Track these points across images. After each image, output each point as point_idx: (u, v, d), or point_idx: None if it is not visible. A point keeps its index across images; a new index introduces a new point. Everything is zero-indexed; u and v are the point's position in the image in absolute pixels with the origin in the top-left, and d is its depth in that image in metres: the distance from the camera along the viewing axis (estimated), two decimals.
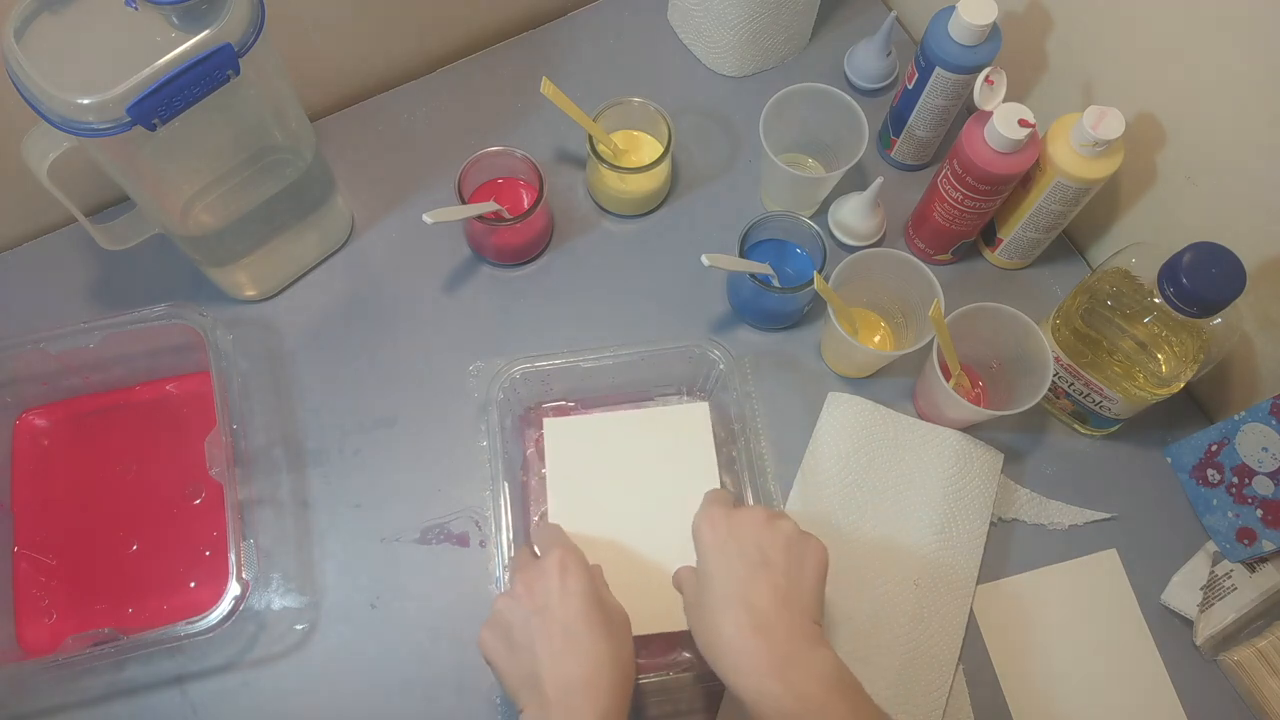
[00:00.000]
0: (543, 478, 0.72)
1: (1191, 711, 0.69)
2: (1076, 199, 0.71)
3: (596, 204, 0.84)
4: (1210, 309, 0.61)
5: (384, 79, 0.88)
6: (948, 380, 0.70)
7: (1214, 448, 0.72)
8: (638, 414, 0.72)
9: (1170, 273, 0.61)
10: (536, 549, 0.63)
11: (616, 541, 0.67)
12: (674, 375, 0.75)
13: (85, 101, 0.51)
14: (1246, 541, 0.70)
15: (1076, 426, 0.78)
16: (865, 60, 0.88)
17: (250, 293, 0.78)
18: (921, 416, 0.77)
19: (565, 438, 0.71)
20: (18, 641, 0.68)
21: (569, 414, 0.75)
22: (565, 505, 0.69)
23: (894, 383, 0.78)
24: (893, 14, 0.85)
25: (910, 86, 0.78)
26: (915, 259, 0.72)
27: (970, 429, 0.75)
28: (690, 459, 0.70)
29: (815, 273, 0.70)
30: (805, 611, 0.54)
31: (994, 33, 0.72)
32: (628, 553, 0.67)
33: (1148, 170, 0.73)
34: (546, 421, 0.72)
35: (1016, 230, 0.77)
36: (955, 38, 0.71)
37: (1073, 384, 0.72)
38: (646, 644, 0.68)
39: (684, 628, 0.59)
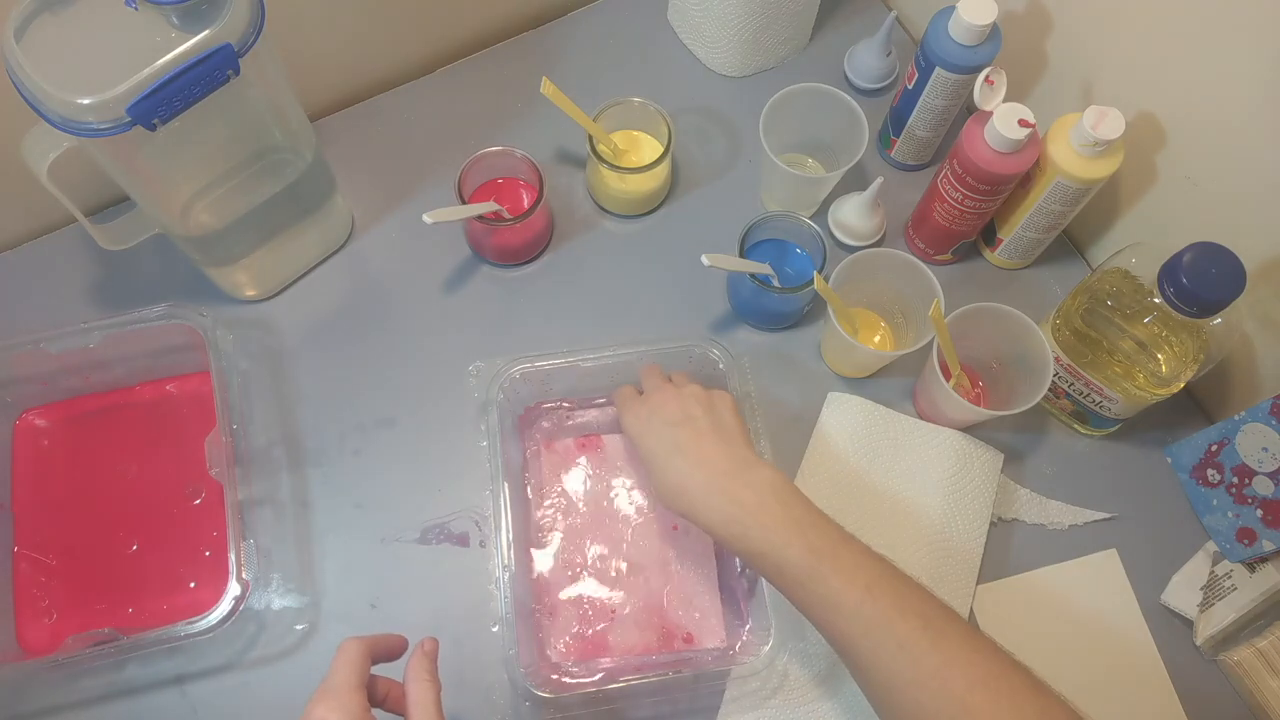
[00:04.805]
0: (540, 479, 0.72)
1: (1191, 711, 0.69)
2: (1076, 199, 0.71)
3: (596, 204, 0.84)
4: (1210, 309, 0.61)
5: (384, 79, 0.88)
6: (948, 380, 0.70)
7: (1214, 448, 0.72)
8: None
9: (1170, 273, 0.61)
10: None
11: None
12: None
13: (85, 101, 0.51)
14: (1246, 541, 0.70)
15: (1076, 426, 0.78)
16: (865, 60, 0.88)
17: (250, 293, 0.78)
18: (921, 416, 0.77)
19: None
20: (18, 641, 0.68)
21: (567, 412, 0.75)
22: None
23: (894, 383, 0.78)
24: (893, 14, 0.85)
25: (910, 86, 0.78)
26: (915, 259, 0.72)
27: (970, 429, 0.75)
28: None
29: (815, 273, 0.70)
30: (736, 443, 0.61)
31: (994, 33, 0.72)
32: None
33: (1148, 170, 0.73)
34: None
35: (1016, 230, 0.77)
36: (955, 38, 0.71)
37: (1073, 384, 0.72)
38: (649, 645, 0.68)
39: None
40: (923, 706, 0.51)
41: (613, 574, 0.70)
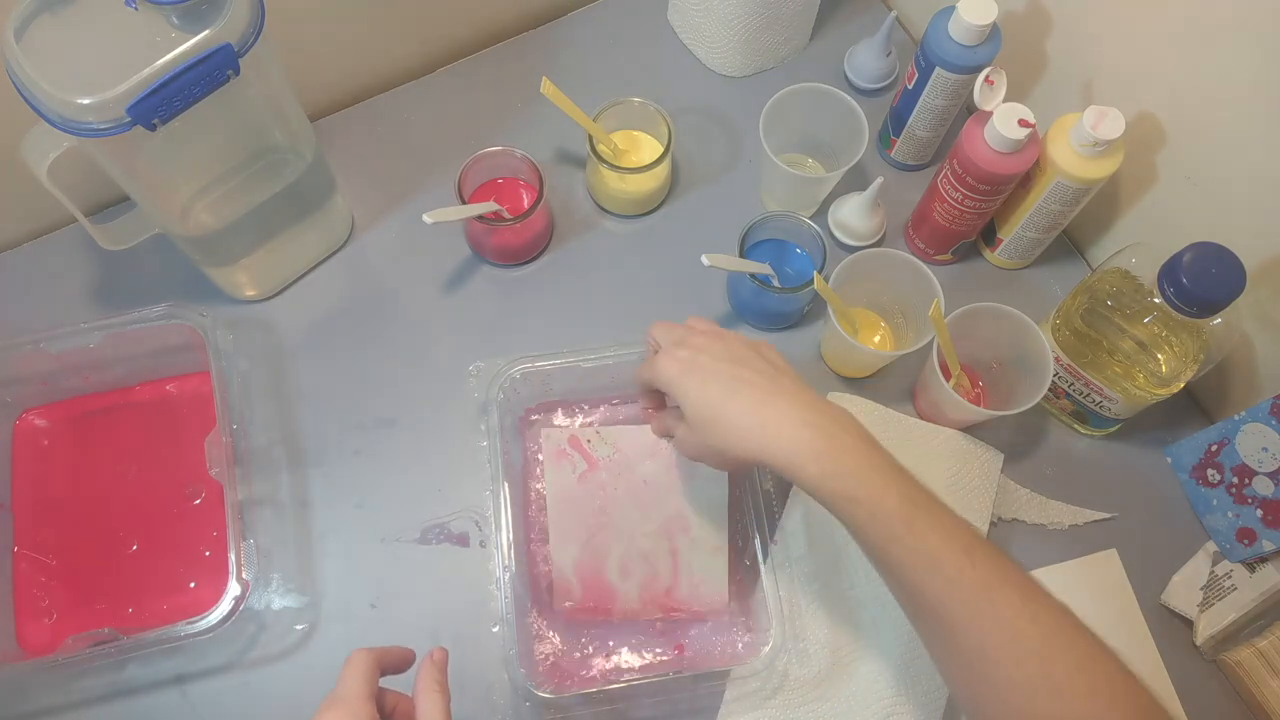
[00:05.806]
0: (540, 479, 0.72)
1: (1191, 711, 0.69)
2: (1076, 199, 0.72)
3: (596, 204, 0.84)
4: (1210, 309, 0.61)
5: (384, 79, 0.88)
6: (948, 380, 0.70)
7: (1214, 448, 0.72)
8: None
9: (1170, 273, 0.61)
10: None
11: None
12: None
13: (85, 101, 0.51)
14: (1246, 541, 0.70)
15: (1076, 426, 0.78)
16: (865, 60, 0.88)
17: (250, 293, 0.78)
18: (921, 416, 0.77)
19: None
20: (18, 641, 0.68)
21: (567, 412, 0.75)
22: None
23: (894, 383, 0.78)
24: (893, 14, 0.85)
25: (910, 86, 0.78)
26: (915, 259, 0.72)
27: (970, 429, 0.75)
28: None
29: (815, 273, 0.70)
30: (799, 381, 0.56)
31: (994, 33, 0.72)
32: None
33: (1148, 170, 0.73)
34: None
35: (1016, 230, 0.77)
36: (955, 38, 0.71)
37: (1073, 384, 0.72)
38: (649, 645, 0.68)
39: None
40: (1015, 682, 0.49)
41: (615, 574, 0.70)
